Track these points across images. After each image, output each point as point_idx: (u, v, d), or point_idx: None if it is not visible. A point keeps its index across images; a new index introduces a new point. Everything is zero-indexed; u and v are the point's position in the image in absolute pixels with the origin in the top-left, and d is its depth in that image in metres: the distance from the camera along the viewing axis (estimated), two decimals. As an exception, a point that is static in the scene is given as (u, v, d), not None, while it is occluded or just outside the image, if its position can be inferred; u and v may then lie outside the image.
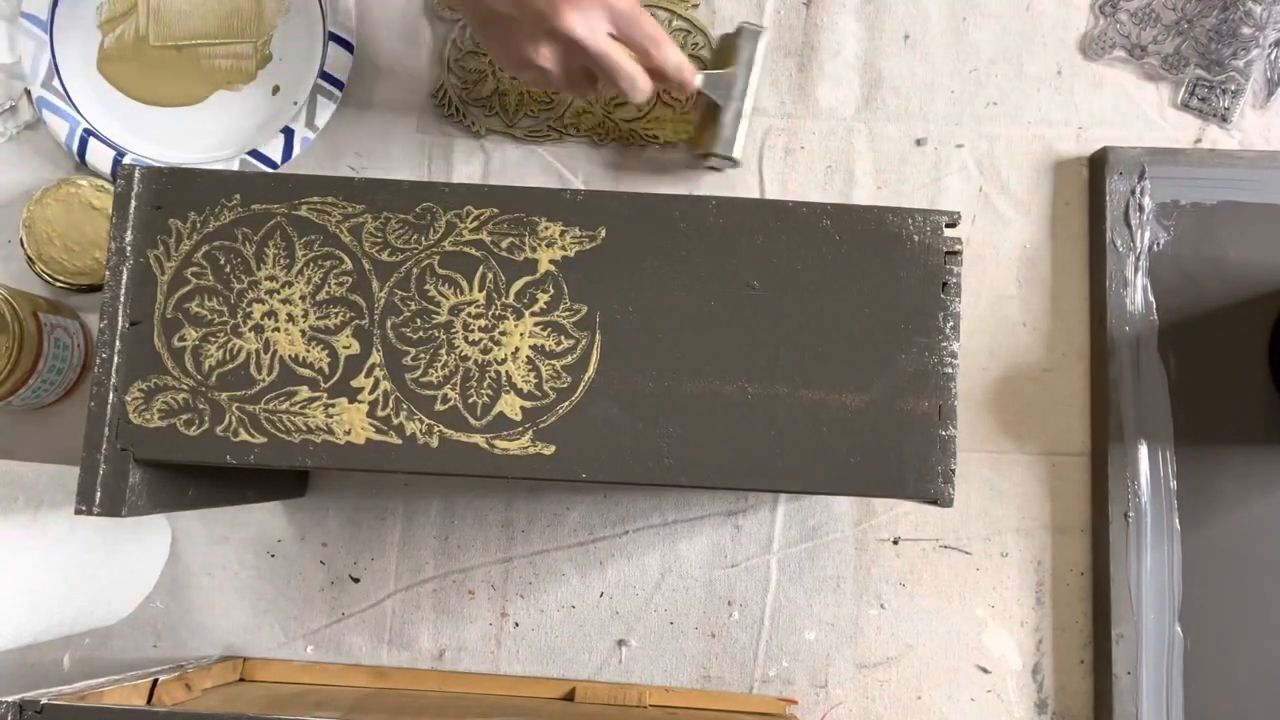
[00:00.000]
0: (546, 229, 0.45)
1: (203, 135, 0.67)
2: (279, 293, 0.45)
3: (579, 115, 0.67)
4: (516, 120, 0.67)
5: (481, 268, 0.45)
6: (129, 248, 0.45)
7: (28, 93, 0.67)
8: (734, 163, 0.64)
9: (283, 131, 0.66)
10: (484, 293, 0.45)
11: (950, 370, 0.45)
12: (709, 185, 0.67)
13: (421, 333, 0.45)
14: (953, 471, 0.45)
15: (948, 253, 0.46)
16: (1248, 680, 0.60)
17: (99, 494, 0.44)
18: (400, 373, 0.45)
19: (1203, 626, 0.60)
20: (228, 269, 0.45)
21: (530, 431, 0.44)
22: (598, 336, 0.45)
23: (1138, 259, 0.63)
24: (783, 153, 0.67)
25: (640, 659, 0.64)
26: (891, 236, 0.46)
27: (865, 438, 0.45)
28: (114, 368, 0.45)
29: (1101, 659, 0.61)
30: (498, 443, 0.44)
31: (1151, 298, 0.63)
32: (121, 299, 0.45)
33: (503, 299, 0.45)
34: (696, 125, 0.66)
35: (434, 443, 0.44)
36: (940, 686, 0.63)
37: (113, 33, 0.68)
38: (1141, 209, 0.63)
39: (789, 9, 0.68)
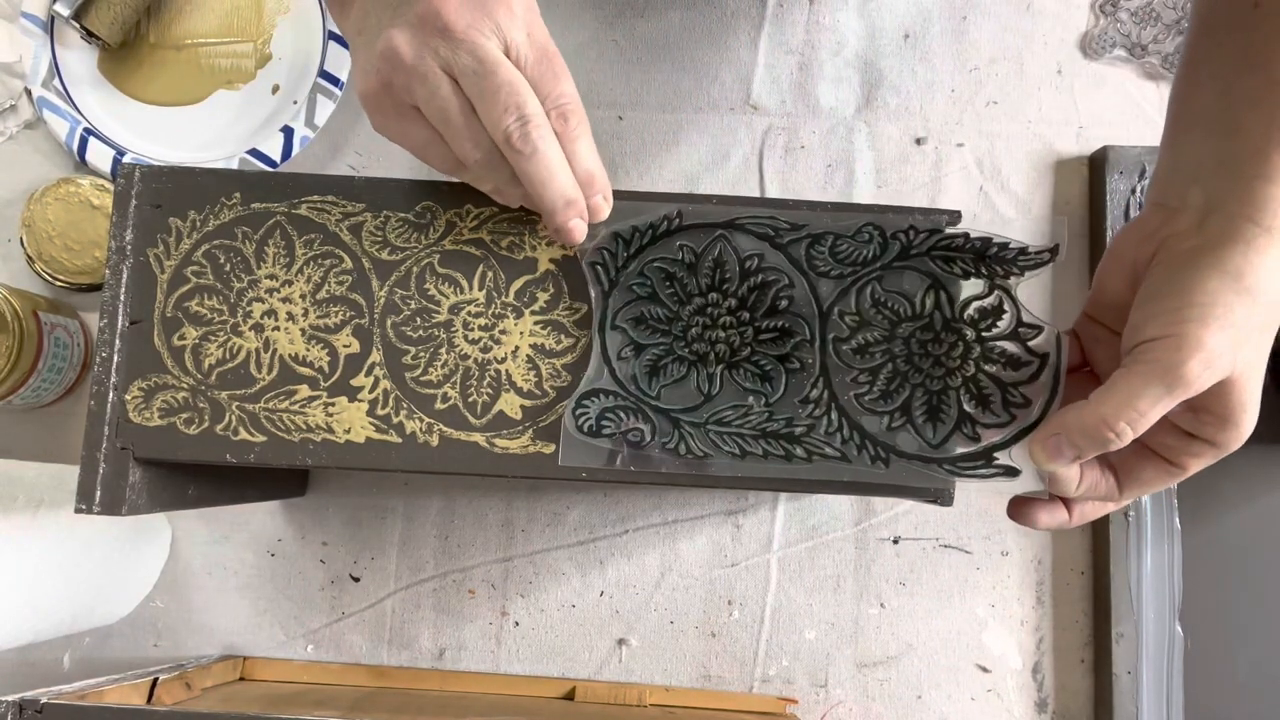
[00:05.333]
0: (546, 228, 0.45)
1: (202, 134, 0.67)
2: (279, 291, 0.45)
3: None
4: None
5: (481, 266, 0.45)
6: (129, 246, 0.45)
7: (28, 92, 0.67)
8: None
9: (282, 130, 0.66)
10: (484, 291, 0.45)
11: (950, 370, 0.46)
12: (709, 184, 0.67)
13: (421, 331, 0.45)
14: (953, 471, 0.45)
15: (948, 252, 0.46)
16: (1248, 680, 0.60)
17: (99, 493, 0.44)
18: (400, 371, 0.45)
19: (1203, 626, 0.60)
20: (228, 268, 0.45)
21: (530, 430, 0.44)
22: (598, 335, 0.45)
23: (1138, 258, 0.63)
24: (783, 151, 0.67)
25: (640, 658, 0.64)
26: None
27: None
28: (114, 366, 0.45)
29: (1102, 658, 0.61)
30: (498, 441, 0.44)
31: (1152, 297, 0.63)
32: (121, 298, 0.45)
33: (503, 298, 0.45)
34: None
35: (434, 441, 0.44)
36: (940, 686, 0.63)
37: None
38: (1142, 208, 0.63)
39: (791, 5, 0.68)
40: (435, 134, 0.41)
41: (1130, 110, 0.67)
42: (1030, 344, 0.43)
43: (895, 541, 0.64)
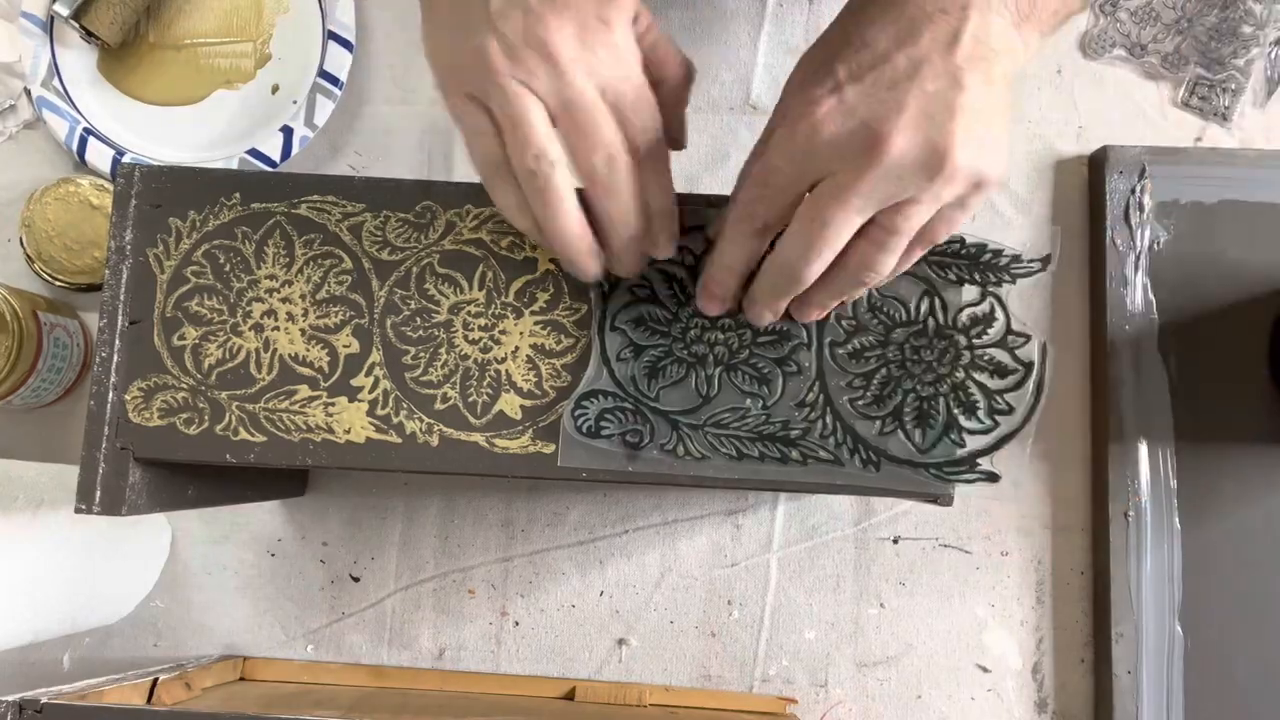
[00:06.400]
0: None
1: (202, 134, 0.67)
2: (279, 291, 0.45)
3: None
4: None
5: (481, 266, 0.45)
6: (128, 246, 0.45)
7: (27, 92, 0.67)
8: None
9: (282, 130, 0.66)
10: (484, 291, 0.45)
11: (950, 370, 0.46)
12: (709, 184, 0.67)
13: (421, 331, 0.45)
14: (953, 471, 0.45)
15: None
16: (1248, 680, 0.60)
17: (99, 493, 0.44)
18: (400, 371, 0.45)
19: (1203, 626, 0.60)
20: (227, 268, 0.45)
21: (530, 430, 0.44)
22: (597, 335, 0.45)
23: (1138, 258, 0.63)
24: (783, 152, 0.67)
25: (640, 658, 0.64)
26: (891, 236, 0.46)
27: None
28: (113, 366, 0.45)
29: (1101, 658, 0.61)
30: (498, 441, 0.44)
31: (1151, 297, 0.63)
32: (121, 298, 0.45)
33: (502, 298, 0.45)
34: None
35: (434, 441, 0.44)
36: (940, 686, 0.63)
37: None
38: (1141, 208, 0.63)
39: (791, 5, 0.68)
40: (493, 128, 0.40)
41: (1130, 110, 0.67)
42: (1017, 352, 0.44)
43: (895, 541, 0.64)
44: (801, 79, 0.40)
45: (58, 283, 0.65)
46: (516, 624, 0.64)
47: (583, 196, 0.40)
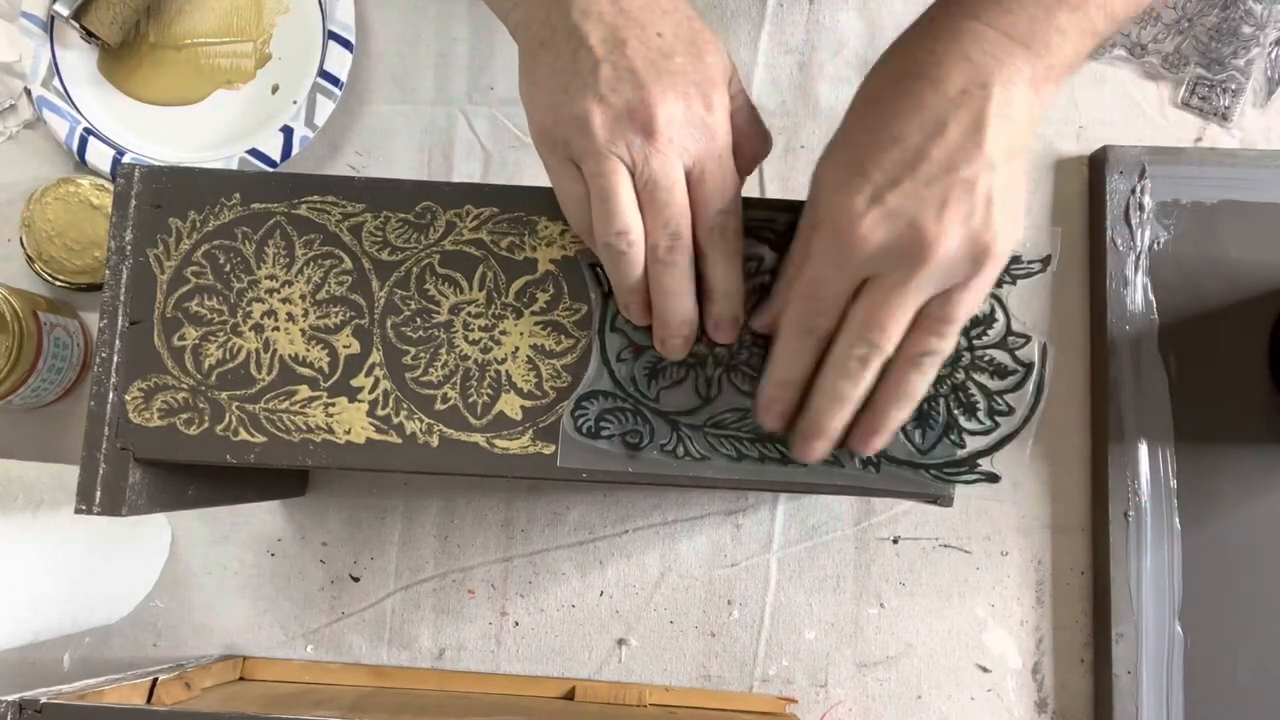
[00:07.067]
0: (546, 228, 0.45)
1: (202, 134, 0.67)
2: (279, 292, 0.45)
3: None
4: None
5: (481, 267, 0.45)
6: (128, 247, 0.45)
7: (28, 92, 0.67)
8: None
9: (282, 130, 0.66)
10: (484, 292, 0.45)
11: (950, 370, 0.46)
12: (709, 184, 0.67)
13: (421, 332, 0.45)
14: (953, 471, 0.45)
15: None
16: (1248, 680, 0.60)
17: (99, 493, 0.44)
18: (400, 372, 0.45)
19: (1203, 626, 0.60)
20: (227, 268, 0.45)
21: (530, 431, 0.44)
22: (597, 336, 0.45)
23: (1138, 258, 0.63)
24: (783, 152, 0.67)
25: (640, 658, 0.64)
26: (891, 236, 0.46)
27: (865, 437, 0.45)
28: (114, 367, 0.45)
29: (1101, 658, 0.61)
30: (498, 442, 0.44)
31: (1151, 297, 0.63)
32: (121, 298, 0.45)
33: (502, 298, 0.45)
34: None
35: (434, 442, 0.44)
36: (940, 686, 0.63)
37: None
38: (1142, 208, 0.63)
39: (791, 5, 0.68)
40: (586, 193, 0.41)
41: (1130, 110, 0.67)
42: (1017, 353, 0.44)
43: (895, 541, 0.64)
44: (832, 181, 0.40)
45: (58, 283, 0.65)
46: (516, 624, 0.64)
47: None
